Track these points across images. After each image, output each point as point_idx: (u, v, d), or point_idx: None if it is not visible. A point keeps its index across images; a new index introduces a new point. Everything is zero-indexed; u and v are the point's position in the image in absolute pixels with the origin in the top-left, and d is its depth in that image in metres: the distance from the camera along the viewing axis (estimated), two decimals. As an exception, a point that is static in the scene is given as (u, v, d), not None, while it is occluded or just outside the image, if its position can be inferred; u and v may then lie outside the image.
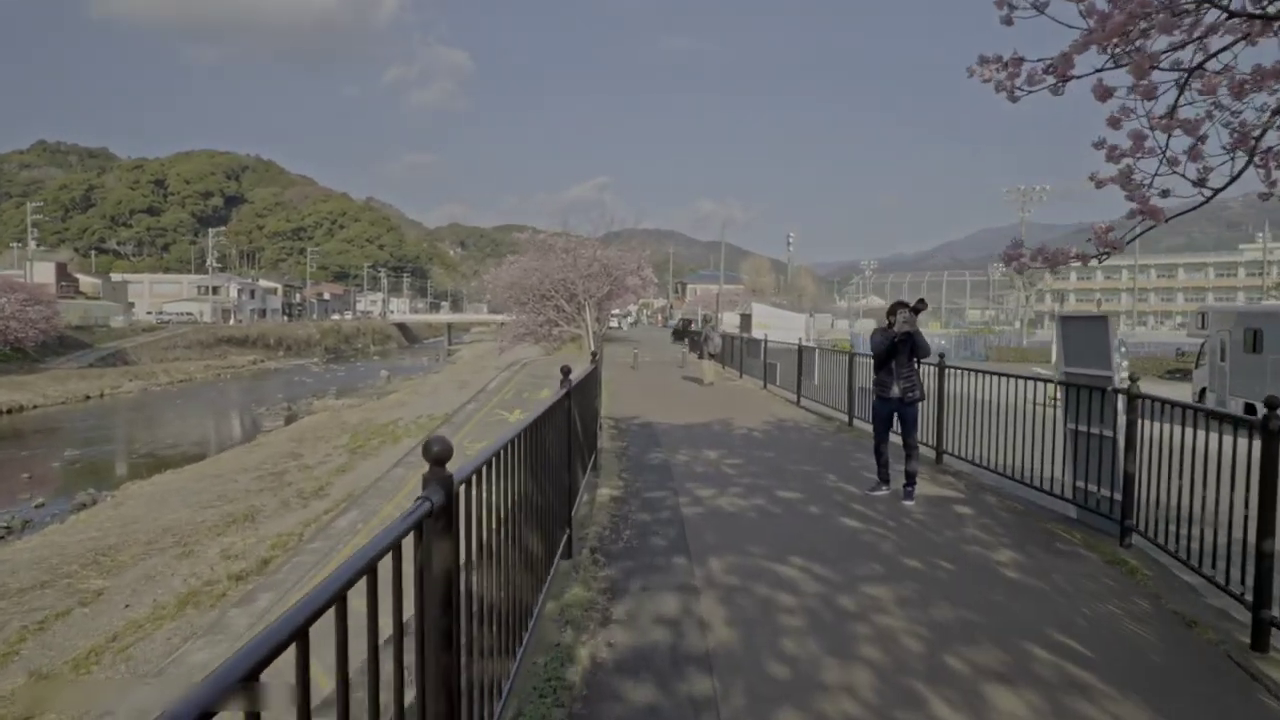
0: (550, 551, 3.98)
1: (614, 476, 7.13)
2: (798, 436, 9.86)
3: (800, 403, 13.42)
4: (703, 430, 10.28)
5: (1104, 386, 5.32)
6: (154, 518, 16.16)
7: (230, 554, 12.33)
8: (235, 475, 19.93)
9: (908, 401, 6.26)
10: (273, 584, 9.60)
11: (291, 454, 22.47)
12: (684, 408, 13.10)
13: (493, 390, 22.91)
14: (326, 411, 33.03)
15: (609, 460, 7.96)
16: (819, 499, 6.31)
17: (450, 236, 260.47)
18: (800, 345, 14.16)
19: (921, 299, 6.20)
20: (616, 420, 11.27)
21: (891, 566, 4.62)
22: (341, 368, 63.01)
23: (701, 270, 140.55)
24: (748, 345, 19.15)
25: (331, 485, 17.04)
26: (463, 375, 39.38)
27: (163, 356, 58.61)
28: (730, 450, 8.61)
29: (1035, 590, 4.28)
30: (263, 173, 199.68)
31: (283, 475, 19.56)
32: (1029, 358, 40.22)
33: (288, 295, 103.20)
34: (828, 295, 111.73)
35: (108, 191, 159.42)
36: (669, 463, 7.84)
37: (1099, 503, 5.45)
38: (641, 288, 31.75)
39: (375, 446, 21.04)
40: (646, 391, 16.06)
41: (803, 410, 12.67)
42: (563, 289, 29.41)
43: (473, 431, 17.06)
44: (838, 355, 11.48)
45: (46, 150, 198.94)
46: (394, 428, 23.73)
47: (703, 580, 4.33)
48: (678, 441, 9.25)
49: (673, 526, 5.42)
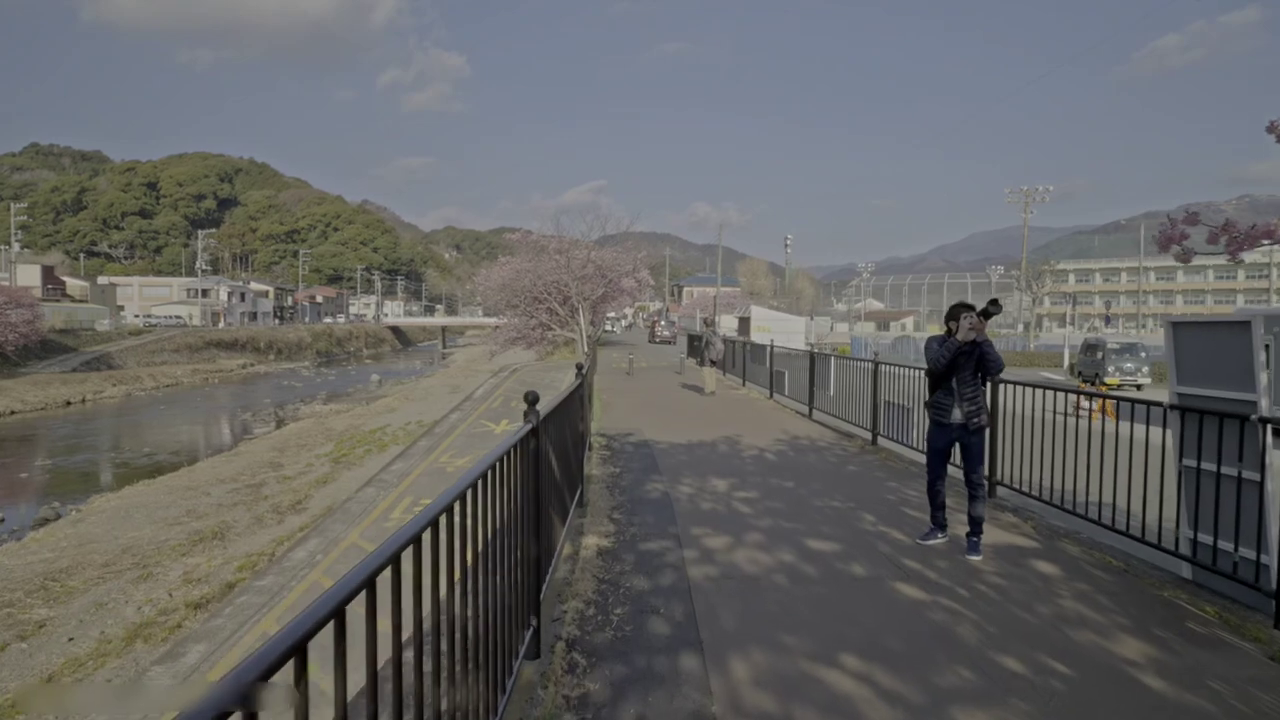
0: (508, 651, 2.72)
1: (603, 518, 5.82)
2: (817, 459, 8.56)
3: (813, 416, 12.13)
4: (707, 451, 8.97)
5: (1244, 414, 4.03)
6: (115, 536, 14.99)
7: (193, 577, 11.16)
8: (209, 487, 18.85)
9: (973, 429, 4.95)
10: (208, 632, 8.26)
11: (271, 464, 21.47)
12: (685, 421, 11.79)
13: (480, 398, 21.57)
14: (312, 418, 32.11)
15: (598, 493, 6.65)
16: (861, 552, 5.00)
17: (446, 240, 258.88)
18: (812, 352, 12.85)
19: (994, 300, 4.87)
20: (610, 438, 9.95)
21: (984, 671, 3.31)
22: (333, 372, 62.41)
23: (698, 273, 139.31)
24: (751, 351, 17.82)
25: (310, 498, 16.00)
26: (455, 380, 38.28)
27: (149, 361, 57.83)
28: (741, 478, 7.31)
29: (1200, 715, 2.98)
30: (256, 175, 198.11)
31: (260, 487, 18.52)
32: (1036, 362, 39.02)
33: (279, 298, 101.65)
34: (824, 298, 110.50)
35: (99, 194, 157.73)
36: (670, 496, 6.54)
37: (1235, 566, 4.16)
38: (637, 290, 30.47)
39: (360, 456, 19.92)
40: (643, 401, 14.74)
41: (816, 425, 11.36)
42: (556, 291, 28.11)
43: (456, 445, 15.73)
44: (859, 364, 10.18)
45: (40, 153, 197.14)
46: (381, 435, 22.78)
47: (725, 703, 3.02)
48: (679, 466, 7.95)
49: (678, 600, 4.10)
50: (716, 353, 15.36)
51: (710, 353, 15.29)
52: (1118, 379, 24.69)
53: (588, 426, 8.95)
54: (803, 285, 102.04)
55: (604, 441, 9.61)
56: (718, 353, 15.38)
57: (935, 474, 5.11)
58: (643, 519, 5.79)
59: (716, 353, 15.36)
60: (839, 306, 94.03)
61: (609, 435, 10.17)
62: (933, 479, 5.13)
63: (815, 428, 11.09)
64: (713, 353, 15.28)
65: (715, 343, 15.40)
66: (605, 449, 9.13)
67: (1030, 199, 53.81)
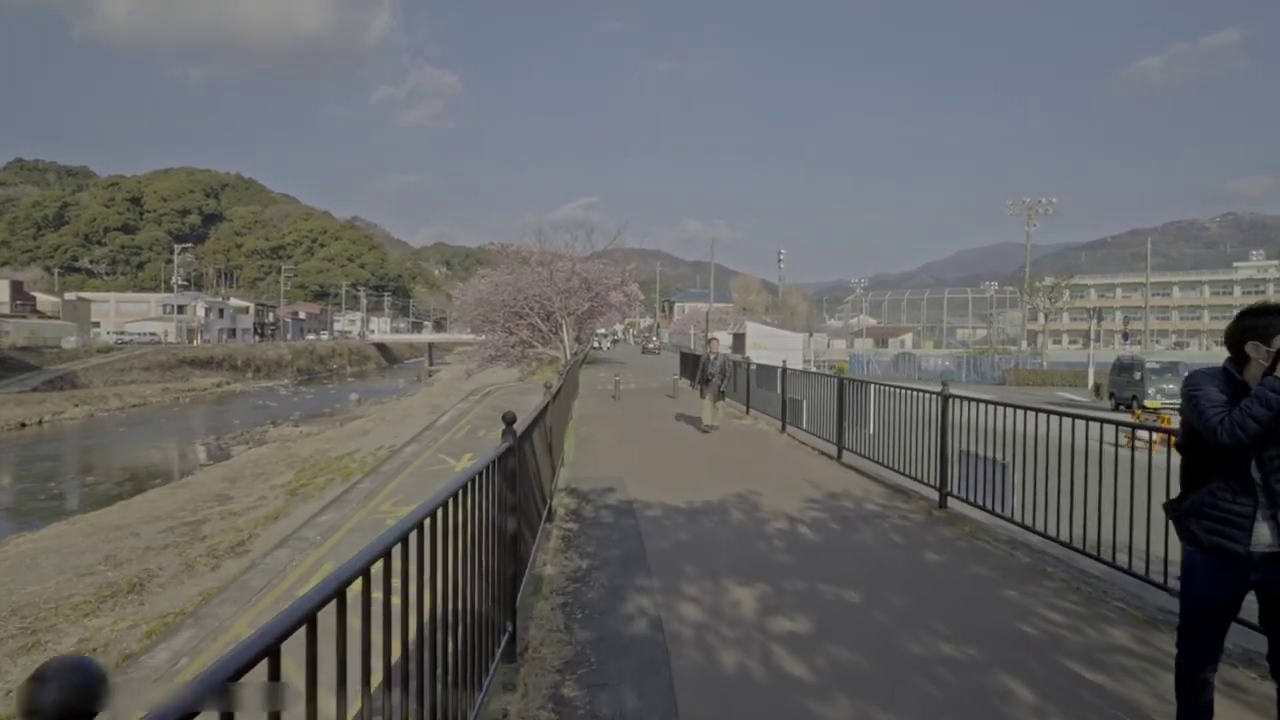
0: None
1: (544, 699, 3.23)
2: (874, 537, 5.99)
3: (843, 458, 9.55)
4: (716, 522, 6.38)
5: None
6: (11, 591, 12.45)
7: (91, 645, 9.24)
8: (141, 526, 16.45)
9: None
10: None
11: (219, 496, 19.14)
12: (681, 467, 9.19)
13: (443, 426, 18.91)
14: (278, 442, 29.78)
15: (546, 626, 4.04)
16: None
17: (436, 256, 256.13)
18: (840, 378, 10.28)
19: None
20: (581, 497, 7.34)
21: None
22: (312, 390, 60.74)
23: (689, 289, 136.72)
24: (758, 374, 15.19)
25: (256, 538, 13.76)
26: (437, 399, 35.88)
27: (117, 380, 55.65)
28: (774, 584, 4.71)
29: None
30: (243, 190, 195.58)
31: (200, 525, 16.20)
32: (1049, 381, 36.40)
33: (260, 314, 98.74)
34: (817, 314, 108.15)
35: (82, 209, 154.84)
36: (664, 631, 3.94)
37: None
38: (626, 304, 27.96)
39: (320, 486, 17.54)
40: (629, 436, 12.11)
41: (851, 473, 8.77)
42: (538, 306, 25.54)
43: (403, 487, 13.06)
44: (912, 393, 7.64)
45: (24, 168, 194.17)
46: (349, 461, 20.62)
47: None
48: (678, 556, 5.35)
49: None
50: (718, 380, 12.52)
51: (716, 381, 12.47)
52: (1159, 401, 22.22)
53: (556, 471, 6.40)
54: (796, 301, 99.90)
55: (572, 505, 7.00)
56: (721, 379, 12.57)
57: (1203, 651, 2.52)
58: (615, 697, 3.21)
59: (718, 380, 12.52)
60: (832, 323, 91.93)
61: (581, 492, 7.56)
62: (1195, 659, 2.53)
63: (851, 477, 8.50)
64: (716, 380, 12.50)
65: (716, 366, 12.52)
66: (572, 517, 6.53)
67: (1033, 211, 51.70)
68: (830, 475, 8.63)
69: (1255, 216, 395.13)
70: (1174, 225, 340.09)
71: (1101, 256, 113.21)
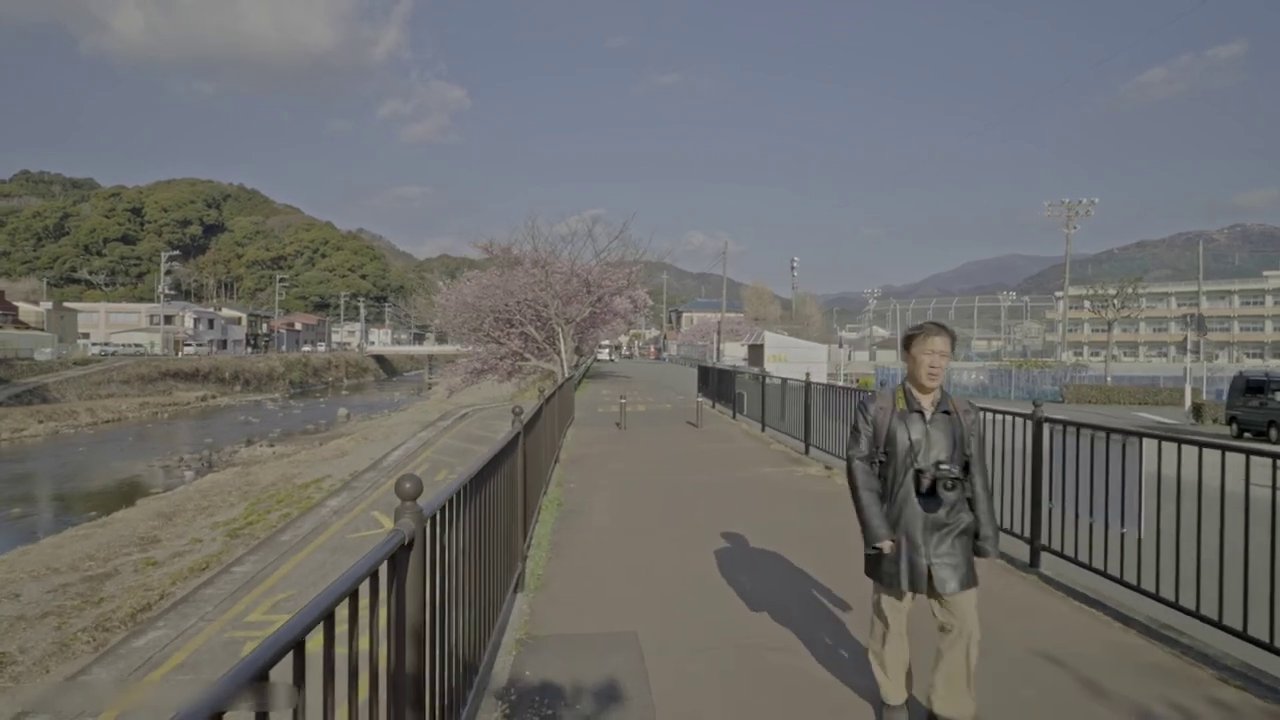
0: None
1: None
2: None
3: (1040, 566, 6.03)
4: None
5: None
6: None
7: None
8: (28, 583, 12.87)
9: None
10: None
11: (144, 538, 15.69)
12: (729, 564, 5.62)
13: (393, 466, 15.25)
14: (241, 465, 26.60)
15: None
16: None
17: (440, 268, 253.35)
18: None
19: None
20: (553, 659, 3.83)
21: None
22: (301, 405, 58.13)
23: (696, 299, 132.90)
24: (823, 395, 11.45)
25: (170, 597, 10.43)
26: (430, 415, 32.57)
27: (93, 394, 52.90)
28: None
29: None
30: (245, 201, 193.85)
31: (106, 580, 12.73)
32: (1116, 398, 32.33)
33: (254, 325, 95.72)
34: (828, 325, 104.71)
35: (82, 220, 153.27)
36: None
37: None
38: (632, 311, 24.38)
39: (273, 523, 14.22)
40: (638, 493, 8.48)
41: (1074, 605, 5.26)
42: (531, 312, 22.10)
43: (298, 575, 9.34)
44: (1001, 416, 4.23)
45: (29, 180, 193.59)
46: (316, 489, 17.18)
47: None
48: None
49: None
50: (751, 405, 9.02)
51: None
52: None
53: (485, 651, 2.66)
54: (811, 311, 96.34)
55: (535, 679, 3.46)
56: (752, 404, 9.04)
57: None
58: None
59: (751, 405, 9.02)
60: (845, 334, 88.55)
61: (556, 638, 4.04)
62: None
63: (1072, 612, 4.98)
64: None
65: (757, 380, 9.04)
66: None
67: (1073, 213, 48.03)
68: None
69: (1265, 228, 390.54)
70: (1182, 236, 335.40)
71: (1108, 268, 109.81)
